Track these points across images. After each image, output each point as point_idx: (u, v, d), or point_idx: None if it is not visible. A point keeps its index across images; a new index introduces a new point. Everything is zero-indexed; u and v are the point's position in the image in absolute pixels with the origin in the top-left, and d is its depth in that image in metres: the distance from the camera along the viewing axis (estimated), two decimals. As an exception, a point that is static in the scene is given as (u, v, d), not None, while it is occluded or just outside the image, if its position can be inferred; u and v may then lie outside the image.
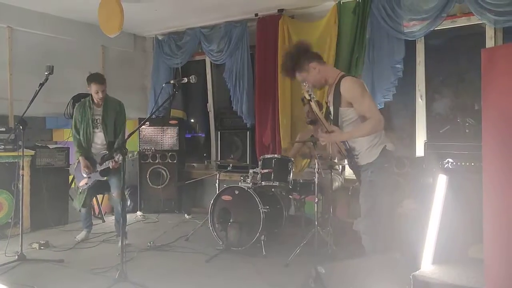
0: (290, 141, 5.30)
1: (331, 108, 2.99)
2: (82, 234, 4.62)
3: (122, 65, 6.74)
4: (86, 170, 4.33)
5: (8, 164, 4.74)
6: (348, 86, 2.79)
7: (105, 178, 4.33)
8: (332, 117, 3.00)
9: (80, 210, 4.60)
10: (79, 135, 4.43)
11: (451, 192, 2.70)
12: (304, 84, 2.83)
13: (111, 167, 4.19)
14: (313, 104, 2.83)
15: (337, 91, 2.83)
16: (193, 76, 3.40)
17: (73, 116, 4.51)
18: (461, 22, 4.57)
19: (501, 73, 2.04)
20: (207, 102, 6.66)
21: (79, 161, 4.42)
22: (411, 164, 4.10)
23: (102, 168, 4.28)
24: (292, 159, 4.39)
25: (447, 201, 2.60)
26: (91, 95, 4.43)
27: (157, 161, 6.10)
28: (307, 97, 2.79)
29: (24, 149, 4.12)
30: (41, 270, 3.67)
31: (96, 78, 4.36)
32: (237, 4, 5.39)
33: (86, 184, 4.41)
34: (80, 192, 4.50)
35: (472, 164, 3.64)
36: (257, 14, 5.69)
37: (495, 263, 2.04)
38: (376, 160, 2.86)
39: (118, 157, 4.06)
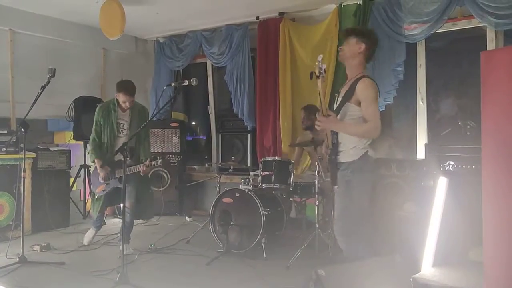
0: (289, 145, 5.31)
1: (339, 99, 3.00)
2: (89, 233, 4.50)
3: (123, 67, 6.75)
4: (103, 174, 4.14)
5: (9, 167, 4.75)
6: (365, 86, 2.82)
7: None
8: (335, 109, 3.00)
9: (95, 218, 4.44)
10: (98, 139, 4.20)
11: (452, 195, 2.70)
12: (319, 60, 2.83)
13: (141, 173, 3.96)
14: (319, 80, 2.83)
15: (352, 87, 2.86)
16: (194, 78, 3.41)
17: (94, 118, 4.24)
18: (462, 25, 4.58)
19: (500, 75, 2.05)
20: (208, 105, 6.67)
21: (95, 167, 4.25)
22: (412, 166, 4.09)
23: (121, 175, 3.97)
24: (293, 161, 4.40)
25: (448, 203, 2.60)
26: (117, 99, 4.21)
27: (160, 158, 6.09)
28: (317, 72, 2.80)
29: (26, 152, 4.14)
30: (42, 272, 3.67)
31: (126, 88, 4.12)
32: (238, 7, 5.41)
33: (103, 190, 4.25)
34: (97, 199, 4.33)
35: (473, 166, 3.64)
36: (258, 17, 5.70)
37: (495, 266, 2.04)
38: (356, 161, 2.87)
39: (147, 162, 3.88)
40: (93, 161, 4.31)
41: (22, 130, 3.86)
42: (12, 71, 5.45)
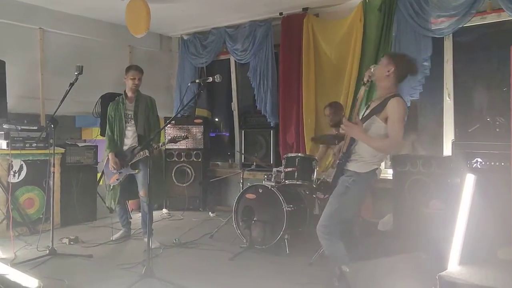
0: (311, 139, 5.27)
1: (367, 112, 3.05)
2: (118, 234, 4.62)
3: (148, 64, 6.83)
4: (114, 167, 4.34)
5: (39, 162, 4.88)
6: (397, 104, 2.84)
7: (136, 171, 4.30)
8: (360, 118, 3.03)
9: (114, 208, 4.61)
10: (111, 132, 4.43)
11: (480, 192, 2.64)
12: (371, 68, 2.96)
13: (149, 155, 4.01)
14: (363, 88, 2.98)
15: (383, 103, 2.90)
16: (217, 75, 3.43)
17: (107, 114, 4.51)
18: (491, 18, 4.46)
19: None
20: (232, 101, 6.70)
21: (108, 158, 4.46)
22: (438, 163, 4.02)
23: (133, 161, 4.28)
24: (316, 157, 4.38)
25: (475, 201, 2.55)
26: (124, 91, 4.47)
27: (182, 160, 6.19)
28: (365, 80, 2.96)
29: (55, 147, 4.25)
30: (71, 264, 3.78)
31: (133, 66, 4.48)
32: (262, 3, 5.41)
33: (117, 180, 4.41)
34: (112, 189, 4.50)
35: (502, 164, 3.55)
36: (281, 13, 5.69)
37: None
38: (363, 174, 2.94)
39: (155, 146, 4.04)
40: (107, 155, 4.49)
41: (52, 126, 3.96)
42: (42, 69, 5.60)
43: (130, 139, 4.43)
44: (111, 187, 4.51)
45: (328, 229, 2.94)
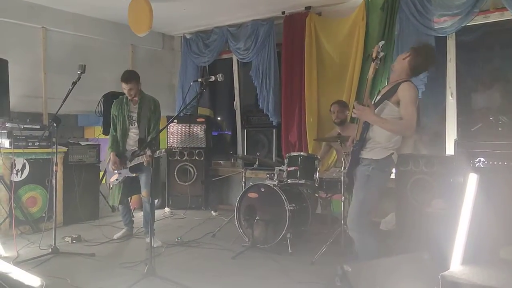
0: (314, 139, 5.28)
1: (378, 97, 3.04)
2: (121, 233, 4.62)
3: (151, 63, 6.86)
4: (113, 167, 4.35)
5: (42, 161, 4.90)
6: (408, 87, 2.86)
7: (134, 174, 4.35)
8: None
9: (117, 208, 4.63)
10: (115, 132, 4.42)
11: (483, 192, 2.63)
12: (380, 45, 2.94)
13: (144, 164, 4.17)
14: (373, 65, 2.94)
15: (394, 88, 2.91)
16: (220, 74, 3.43)
17: (111, 112, 4.49)
18: (494, 17, 4.45)
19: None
20: (234, 100, 6.70)
21: (110, 157, 4.46)
22: (441, 163, 4.01)
23: (132, 164, 4.29)
24: (319, 156, 4.37)
25: (478, 200, 2.54)
26: None
27: (184, 158, 6.19)
28: (373, 55, 2.92)
29: (58, 146, 4.27)
30: (73, 263, 3.79)
31: (123, 77, 4.30)
32: (264, 2, 5.41)
33: (116, 180, 4.44)
34: (112, 188, 4.51)
35: (505, 163, 3.54)
36: (284, 11, 5.69)
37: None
38: (380, 160, 2.93)
39: (149, 153, 3.98)
40: (109, 155, 4.47)
41: (54, 125, 3.97)
42: (45, 67, 5.61)
43: (132, 141, 4.43)
44: (111, 186, 4.53)
45: (359, 221, 2.93)
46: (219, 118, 7.37)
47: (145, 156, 4.12)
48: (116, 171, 4.41)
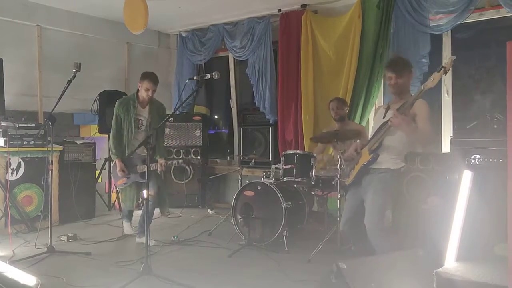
0: (311, 138, 5.26)
1: (388, 113, 3.15)
2: (126, 226, 4.62)
3: (146, 61, 6.84)
4: (121, 174, 4.22)
5: (37, 159, 4.88)
6: (425, 104, 3.08)
7: (145, 180, 4.01)
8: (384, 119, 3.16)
9: (133, 209, 4.56)
10: (120, 136, 4.25)
11: (477, 189, 2.64)
12: (453, 59, 2.99)
13: (158, 171, 4.07)
14: (438, 75, 2.98)
15: (409, 104, 3.03)
16: (216, 72, 3.42)
17: (114, 113, 4.28)
18: (490, 15, 4.46)
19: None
20: (230, 98, 6.70)
21: (116, 164, 4.31)
22: (437, 160, 4.02)
23: (143, 171, 4.09)
24: (315, 154, 4.37)
25: (473, 197, 2.55)
26: (136, 93, 4.29)
27: (181, 157, 6.18)
28: (447, 69, 2.97)
29: (53, 145, 4.25)
30: (69, 262, 3.78)
31: (150, 76, 4.20)
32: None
33: (124, 183, 4.32)
34: (120, 191, 4.39)
35: (500, 160, 3.55)
36: (280, 9, 5.68)
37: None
38: (396, 170, 3.12)
39: (166, 162, 4.02)
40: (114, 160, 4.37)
41: (50, 123, 3.95)
42: (40, 66, 5.59)
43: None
44: (117, 188, 4.45)
45: (381, 226, 3.05)
46: (215, 116, 7.37)
47: (158, 165, 4.03)
48: (121, 176, 4.29)
